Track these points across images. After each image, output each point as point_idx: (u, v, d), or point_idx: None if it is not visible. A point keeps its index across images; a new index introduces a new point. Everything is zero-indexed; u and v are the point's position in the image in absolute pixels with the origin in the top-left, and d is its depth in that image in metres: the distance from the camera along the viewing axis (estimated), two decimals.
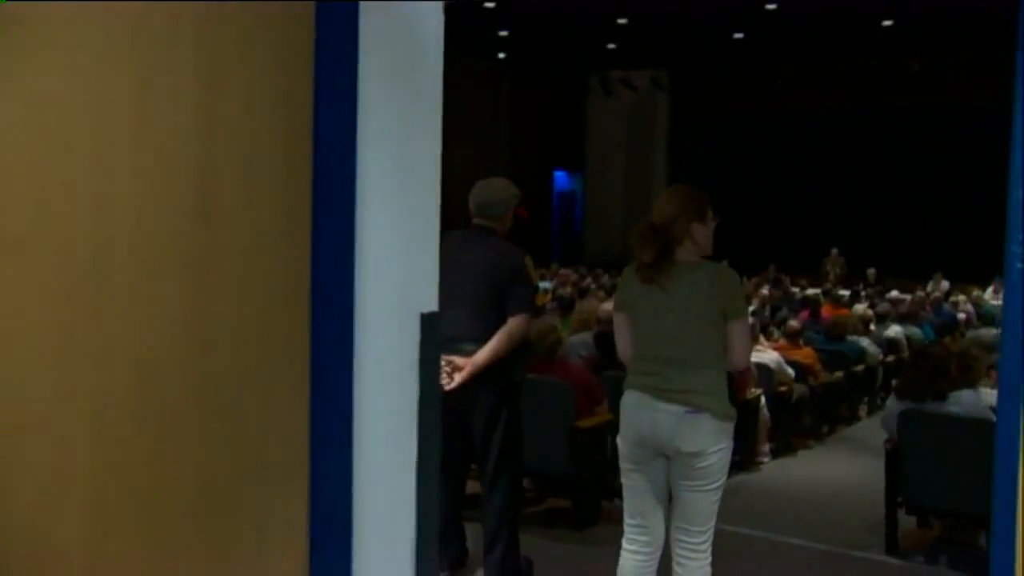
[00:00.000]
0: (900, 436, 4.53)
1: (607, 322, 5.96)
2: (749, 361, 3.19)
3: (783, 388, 6.71)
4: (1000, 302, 16.68)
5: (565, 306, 9.02)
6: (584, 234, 23.53)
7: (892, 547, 4.73)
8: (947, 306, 13.57)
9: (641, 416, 3.07)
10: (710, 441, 3.01)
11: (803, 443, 7.27)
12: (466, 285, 3.58)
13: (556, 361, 4.90)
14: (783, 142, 20.71)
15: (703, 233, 3.11)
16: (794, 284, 17.02)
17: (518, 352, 3.68)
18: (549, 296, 12.26)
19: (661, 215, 3.13)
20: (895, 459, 4.59)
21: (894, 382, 9.92)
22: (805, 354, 7.29)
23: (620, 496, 5.35)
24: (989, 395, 4.90)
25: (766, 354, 6.69)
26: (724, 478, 3.10)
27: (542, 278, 17.39)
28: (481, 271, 3.61)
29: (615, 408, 4.96)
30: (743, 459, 6.19)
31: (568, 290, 13.12)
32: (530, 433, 3.93)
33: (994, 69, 17.85)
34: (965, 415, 4.43)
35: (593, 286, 15.42)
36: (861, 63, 18.52)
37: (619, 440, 3.22)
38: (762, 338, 7.04)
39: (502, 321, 3.60)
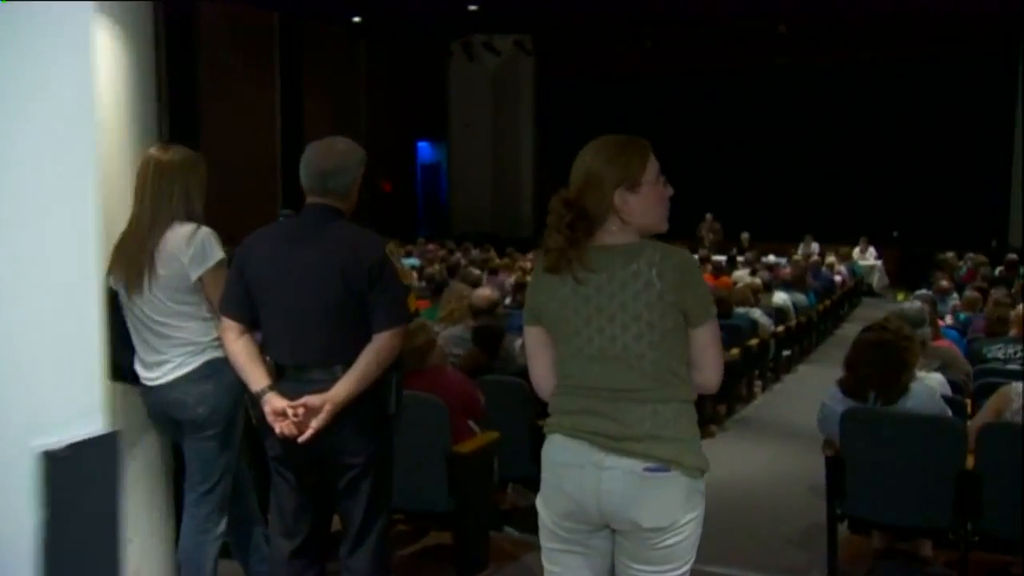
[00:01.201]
0: (846, 441, 3.79)
1: (486, 311, 5.04)
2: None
3: None
4: (868, 261, 16.86)
5: (435, 288, 8.06)
6: (450, 207, 22.59)
7: (834, 570, 4.00)
8: (824, 269, 13.28)
9: (578, 477, 2.12)
10: (680, 510, 2.10)
11: (704, 431, 6.56)
12: (307, 293, 2.65)
13: (428, 369, 3.91)
14: (653, 107, 20.19)
15: (641, 204, 2.17)
16: None
17: (390, 374, 2.71)
18: (415, 275, 11.26)
19: (574, 182, 2.21)
20: (837, 468, 3.84)
21: (785, 353, 9.49)
22: None
23: (515, 527, 4.56)
24: (931, 381, 4.24)
25: None
26: (693, 558, 2.18)
27: (408, 254, 16.36)
28: (328, 271, 2.63)
29: (499, 422, 4.18)
30: None
31: (436, 267, 12.16)
32: (398, 462, 2.95)
33: (862, 28, 17.88)
34: (923, 410, 3.72)
35: (463, 261, 14.44)
36: (730, 25, 18.11)
37: (540, 506, 2.23)
38: None
39: (365, 336, 2.64)
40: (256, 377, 2.68)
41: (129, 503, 2.77)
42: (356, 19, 18.61)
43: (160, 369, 3.03)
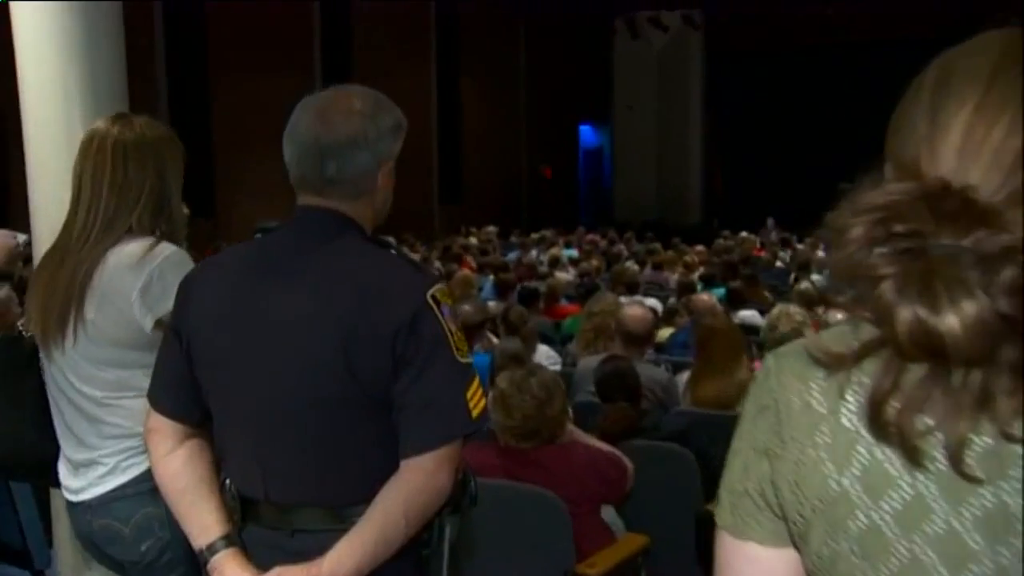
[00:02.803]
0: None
1: (641, 338, 4.04)
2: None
3: None
4: None
5: (585, 291, 7.10)
6: (614, 193, 21.53)
7: None
8: None
9: None
10: None
11: None
12: (285, 373, 1.50)
13: (556, 446, 2.69)
14: (838, 83, 18.46)
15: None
16: None
17: (442, 519, 1.55)
18: (571, 272, 10.32)
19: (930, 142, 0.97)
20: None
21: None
22: None
23: None
24: None
25: None
26: None
27: (567, 244, 15.36)
28: (321, 334, 1.47)
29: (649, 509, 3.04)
30: None
31: (596, 262, 11.17)
32: None
33: None
34: None
35: (625, 252, 13.40)
36: None
37: None
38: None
39: (392, 450, 1.48)
40: (201, 522, 1.56)
41: None
42: None
43: (86, 476, 1.91)
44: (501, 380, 2.64)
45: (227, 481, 1.60)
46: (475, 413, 1.46)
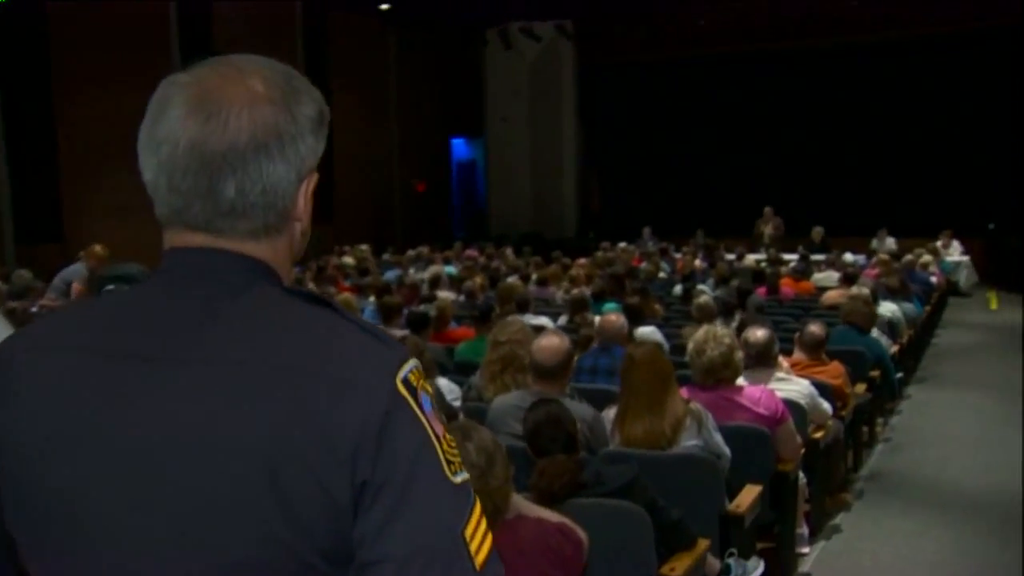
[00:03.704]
0: None
1: (556, 369, 3.61)
2: None
3: (819, 434, 4.46)
4: (954, 257, 15.15)
5: (480, 313, 6.63)
6: (489, 207, 21.17)
7: None
8: (919, 270, 11.65)
9: None
10: None
11: (837, 503, 5.05)
12: (171, 529, 0.89)
13: (500, 524, 2.20)
14: (705, 93, 18.62)
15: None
16: (728, 250, 14.96)
17: None
18: (454, 293, 9.82)
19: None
20: None
21: (898, 375, 7.88)
22: (834, 372, 5.05)
23: None
24: None
25: (792, 383, 4.43)
26: None
27: (446, 260, 14.82)
28: (230, 460, 0.88)
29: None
30: (775, 564, 3.92)
31: (479, 280, 10.70)
32: None
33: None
34: None
35: (503, 268, 12.93)
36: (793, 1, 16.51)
37: None
38: (782, 359, 4.75)
39: None
40: None
41: None
42: (384, 6, 17.22)
43: None
44: None
45: None
46: (480, 559, 0.90)
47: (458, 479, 0.92)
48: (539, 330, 4.19)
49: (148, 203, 0.99)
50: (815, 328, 5.13)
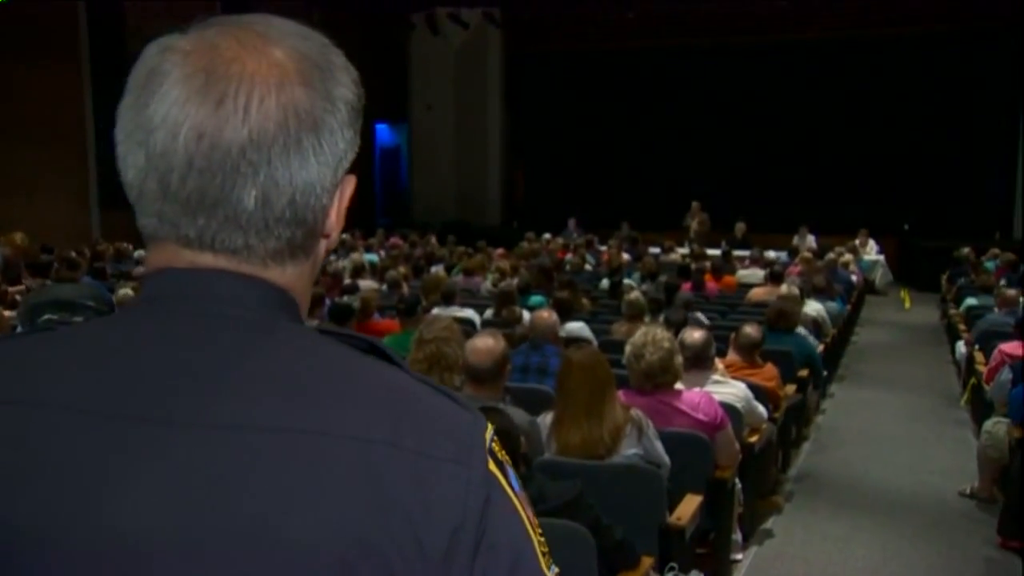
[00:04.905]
0: None
1: (491, 373, 3.45)
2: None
3: (753, 438, 4.39)
4: (870, 256, 15.46)
5: (407, 307, 6.40)
6: (412, 194, 20.87)
7: None
8: (840, 269, 11.81)
9: None
10: None
11: (768, 506, 5.00)
12: None
13: None
14: (633, 85, 18.63)
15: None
16: (654, 244, 14.97)
17: None
18: (377, 282, 9.58)
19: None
20: None
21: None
22: (768, 374, 4.99)
23: None
24: None
25: (729, 386, 4.35)
26: None
27: (368, 248, 14.52)
28: (282, 569, 0.66)
29: None
30: (710, 572, 3.83)
31: (403, 269, 10.47)
32: None
33: (864, 3, 16.35)
34: None
35: (422, 258, 12.66)
36: None
37: None
38: (717, 361, 4.66)
39: None
40: None
41: None
42: None
43: None
44: None
45: None
46: None
47: (551, 574, 0.74)
48: (464, 322, 4.01)
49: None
50: (751, 330, 5.06)
